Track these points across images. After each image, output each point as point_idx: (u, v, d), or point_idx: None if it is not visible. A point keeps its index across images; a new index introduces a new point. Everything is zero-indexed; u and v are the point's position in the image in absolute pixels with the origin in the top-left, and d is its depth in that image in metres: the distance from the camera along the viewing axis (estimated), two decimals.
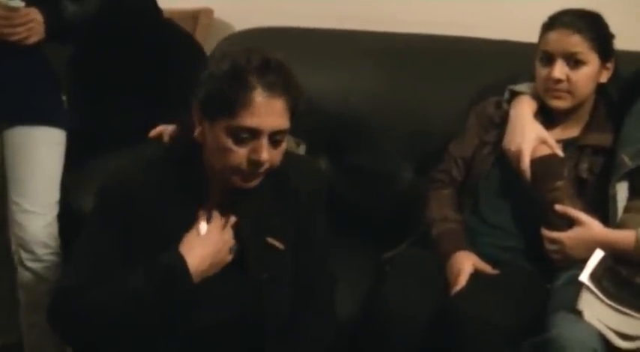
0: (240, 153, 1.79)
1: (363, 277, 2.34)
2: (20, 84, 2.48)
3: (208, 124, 1.82)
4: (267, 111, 1.77)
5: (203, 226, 1.87)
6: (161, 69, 2.67)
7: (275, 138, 1.80)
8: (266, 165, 1.81)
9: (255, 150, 1.78)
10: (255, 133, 1.78)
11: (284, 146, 1.85)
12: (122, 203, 1.86)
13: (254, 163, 1.79)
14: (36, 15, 2.37)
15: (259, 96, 1.76)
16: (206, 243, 1.84)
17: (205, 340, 1.87)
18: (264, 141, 1.78)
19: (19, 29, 2.35)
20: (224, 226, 1.88)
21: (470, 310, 2.02)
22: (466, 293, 2.12)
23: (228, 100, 1.76)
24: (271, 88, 1.77)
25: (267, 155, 1.78)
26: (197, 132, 1.85)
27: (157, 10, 2.75)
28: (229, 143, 1.78)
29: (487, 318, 2.00)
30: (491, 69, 2.61)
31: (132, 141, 2.40)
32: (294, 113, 1.83)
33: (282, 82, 1.78)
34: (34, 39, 2.38)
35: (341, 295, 2.08)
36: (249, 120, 1.76)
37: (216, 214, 1.89)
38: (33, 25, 2.37)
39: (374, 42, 2.86)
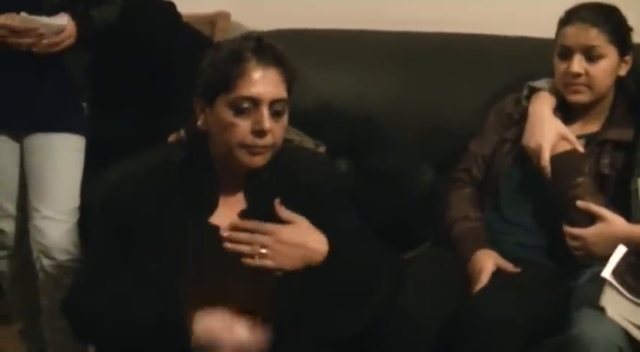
0: (243, 126, 1.84)
1: None
2: (40, 90, 2.49)
3: (209, 109, 1.88)
4: (263, 80, 1.84)
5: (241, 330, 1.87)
6: (179, 76, 2.66)
7: (275, 109, 1.86)
8: (269, 139, 1.85)
9: (258, 121, 1.84)
10: (254, 102, 1.84)
11: (285, 121, 1.90)
12: (127, 205, 1.90)
13: (257, 133, 1.84)
14: (71, 29, 2.40)
15: (254, 67, 1.84)
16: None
17: None
18: (265, 111, 1.84)
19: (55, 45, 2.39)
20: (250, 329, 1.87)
21: (491, 309, 2.01)
22: (487, 291, 2.11)
23: (225, 76, 1.84)
24: (265, 59, 1.85)
25: (269, 124, 1.84)
26: (200, 121, 1.91)
27: (177, 16, 2.76)
28: (230, 116, 1.85)
29: (508, 317, 1.98)
30: (509, 66, 2.59)
31: (149, 148, 2.39)
32: (290, 86, 1.89)
33: (275, 56, 1.87)
34: (63, 46, 2.41)
35: None
36: (246, 90, 1.83)
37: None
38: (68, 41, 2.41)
39: (392, 42, 2.85)
